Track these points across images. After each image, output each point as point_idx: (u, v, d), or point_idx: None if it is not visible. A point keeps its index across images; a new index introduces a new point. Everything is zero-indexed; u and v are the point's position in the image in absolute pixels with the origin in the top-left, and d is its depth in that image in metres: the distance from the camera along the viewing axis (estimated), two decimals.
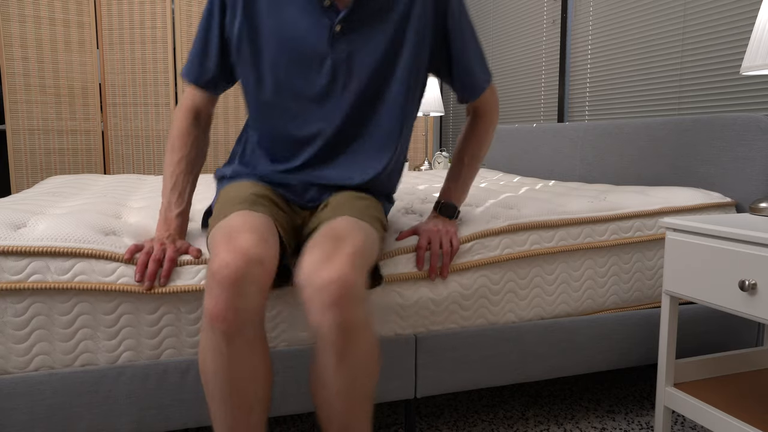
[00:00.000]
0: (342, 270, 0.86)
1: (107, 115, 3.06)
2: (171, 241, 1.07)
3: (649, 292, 1.43)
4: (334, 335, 0.85)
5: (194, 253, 1.07)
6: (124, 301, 1.04)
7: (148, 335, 1.06)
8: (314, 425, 1.44)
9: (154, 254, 1.03)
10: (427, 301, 1.23)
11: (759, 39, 1.21)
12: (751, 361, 1.32)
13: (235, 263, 0.84)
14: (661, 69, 2.06)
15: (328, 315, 0.85)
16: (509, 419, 1.48)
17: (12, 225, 1.07)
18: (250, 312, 0.86)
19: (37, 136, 2.94)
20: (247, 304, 0.85)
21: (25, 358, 1.00)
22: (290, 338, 1.15)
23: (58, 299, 1.01)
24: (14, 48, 2.85)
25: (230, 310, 0.84)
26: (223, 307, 0.84)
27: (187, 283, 1.06)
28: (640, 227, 1.40)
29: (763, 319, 0.97)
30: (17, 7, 2.83)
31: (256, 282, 0.86)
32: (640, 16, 2.16)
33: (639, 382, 1.72)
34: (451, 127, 3.97)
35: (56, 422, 1.02)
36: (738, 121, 1.52)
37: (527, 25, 2.98)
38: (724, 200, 1.51)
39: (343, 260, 0.87)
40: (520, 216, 1.32)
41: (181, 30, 3.02)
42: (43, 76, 2.92)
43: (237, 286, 0.84)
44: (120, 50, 3.01)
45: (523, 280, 1.30)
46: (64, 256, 1.01)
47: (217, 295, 0.84)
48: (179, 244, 1.07)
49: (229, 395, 0.88)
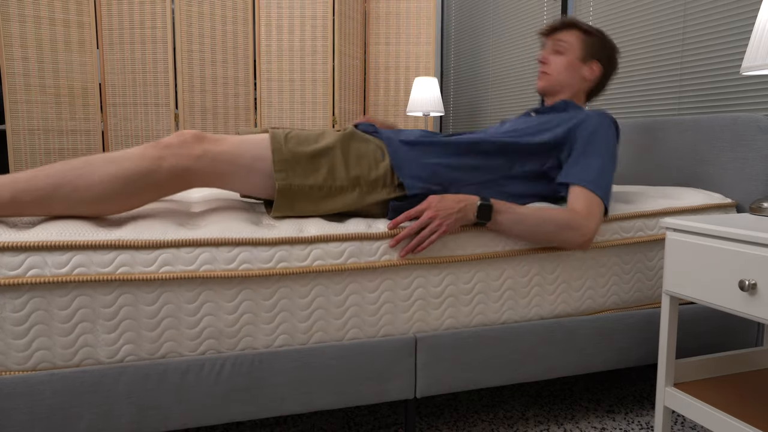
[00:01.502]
0: None
1: (107, 116, 3.06)
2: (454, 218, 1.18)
3: (649, 292, 1.43)
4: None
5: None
6: (123, 293, 1.04)
7: (148, 327, 1.06)
8: (314, 425, 1.44)
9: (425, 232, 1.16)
10: (424, 296, 1.23)
11: (759, 39, 1.21)
12: (751, 361, 1.31)
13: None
14: (661, 69, 2.06)
15: None
16: (509, 419, 1.47)
17: (8, 222, 1.07)
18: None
19: (37, 136, 2.94)
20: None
21: (24, 354, 1.00)
22: (290, 338, 1.15)
23: (57, 293, 1.00)
24: (14, 48, 2.85)
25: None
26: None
27: (186, 269, 1.06)
28: (641, 227, 1.40)
29: (763, 319, 0.97)
30: (17, 7, 2.83)
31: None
32: (640, 16, 2.16)
33: (639, 382, 1.72)
34: (451, 127, 3.97)
35: (56, 422, 1.02)
36: (738, 121, 1.52)
37: (527, 25, 2.98)
38: (725, 201, 1.51)
39: None
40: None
41: (181, 30, 3.02)
42: (43, 76, 2.92)
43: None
44: (120, 50, 3.01)
45: (523, 278, 1.30)
46: (61, 250, 1.01)
47: None
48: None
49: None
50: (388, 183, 1.24)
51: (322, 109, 3.26)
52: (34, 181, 1.04)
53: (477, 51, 3.55)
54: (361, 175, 1.22)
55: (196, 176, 1.14)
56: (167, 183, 1.12)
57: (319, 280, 1.15)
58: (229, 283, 1.10)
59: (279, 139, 1.19)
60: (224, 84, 3.18)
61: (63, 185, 1.05)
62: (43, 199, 1.04)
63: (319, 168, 1.19)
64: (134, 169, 1.08)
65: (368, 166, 1.24)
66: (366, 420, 1.47)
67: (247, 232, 1.12)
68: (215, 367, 1.09)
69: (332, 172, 1.20)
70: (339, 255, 1.16)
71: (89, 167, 1.06)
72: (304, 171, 1.18)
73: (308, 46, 3.23)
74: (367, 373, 1.19)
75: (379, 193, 1.23)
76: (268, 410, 1.14)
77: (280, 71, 3.24)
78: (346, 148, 1.24)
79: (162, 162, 1.10)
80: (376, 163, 1.25)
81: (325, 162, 1.20)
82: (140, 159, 1.09)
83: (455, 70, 3.87)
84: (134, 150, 1.10)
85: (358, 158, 1.24)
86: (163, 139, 1.13)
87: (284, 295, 1.13)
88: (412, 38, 3.47)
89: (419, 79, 3.11)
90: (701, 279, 1.09)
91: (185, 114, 3.07)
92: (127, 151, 1.10)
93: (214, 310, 1.09)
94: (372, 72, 3.53)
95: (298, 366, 1.14)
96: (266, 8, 3.19)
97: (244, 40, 3.21)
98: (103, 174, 1.06)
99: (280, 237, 1.13)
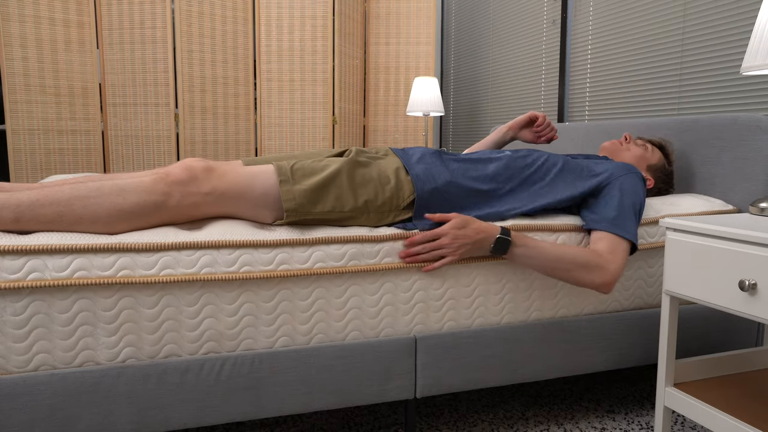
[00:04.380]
0: None
1: (107, 116, 3.06)
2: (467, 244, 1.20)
3: (649, 299, 1.43)
4: None
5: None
6: (124, 297, 1.04)
7: (149, 330, 1.06)
8: (314, 425, 1.44)
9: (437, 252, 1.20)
10: (425, 298, 1.23)
11: (759, 39, 1.21)
12: (751, 361, 1.32)
13: None
14: (661, 69, 2.06)
15: None
16: (509, 419, 1.48)
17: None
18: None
19: (37, 136, 2.94)
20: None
21: (25, 357, 1.00)
22: (290, 340, 1.15)
23: (58, 296, 1.01)
24: (14, 48, 2.85)
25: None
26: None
27: (187, 271, 1.06)
28: (642, 235, 1.39)
29: (763, 319, 0.97)
30: (17, 7, 2.83)
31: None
32: (640, 16, 2.16)
33: (639, 382, 1.72)
34: (451, 127, 3.97)
35: (56, 422, 1.02)
36: (738, 121, 1.52)
37: (527, 25, 2.98)
38: (726, 207, 1.51)
39: None
40: (521, 218, 1.32)
41: (181, 30, 3.02)
42: (43, 76, 2.92)
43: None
44: (120, 50, 3.01)
45: (523, 282, 1.30)
46: (62, 253, 1.01)
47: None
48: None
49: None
50: (394, 207, 1.24)
51: (322, 109, 3.26)
52: (39, 209, 1.03)
53: (477, 51, 3.55)
54: (368, 200, 1.22)
55: (203, 210, 1.16)
56: (173, 216, 1.14)
57: (320, 282, 1.15)
58: (230, 286, 1.10)
59: (286, 173, 1.19)
60: (224, 84, 3.18)
61: (67, 215, 1.05)
62: (47, 224, 1.05)
63: (326, 196, 1.19)
64: (141, 204, 1.09)
65: (374, 190, 1.23)
66: (366, 420, 1.47)
67: (248, 235, 1.12)
68: (215, 368, 1.09)
69: (339, 199, 1.20)
70: (340, 257, 1.16)
71: (96, 199, 1.06)
72: (312, 202, 1.18)
73: (308, 46, 3.23)
74: (368, 373, 1.19)
75: (387, 216, 1.24)
76: (268, 410, 1.14)
77: (280, 71, 3.24)
78: (352, 175, 1.23)
79: (169, 199, 1.11)
80: (383, 186, 1.24)
81: (333, 190, 1.20)
82: (148, 194, 1.09)
83: (455, 70, 3.87)
84: (143, 180, 1.10)
85: (364, 183, 1.23)
86: (171, 170, 1.13)
87: (285, 297, 1.13)
88: (412, 38, 3.47)
89: (419, 79, 3.11)
90: (701, 279, 1.09)
91: (185, 114, 3.07)
92: (135, 181, 1.10)
93: (215, 313, 1.09)
94: (372, 72, 3.53)
95: (298, 366, 1.14)
96: (266, 8, 3.19)
97: (244, 40, 3.21)
98: (111, 207, 1.07)
99: (281, 239, 1.13)
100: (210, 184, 1.14)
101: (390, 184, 1.25)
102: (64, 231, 1.06)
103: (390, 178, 1.26)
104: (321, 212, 1.18)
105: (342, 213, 1.20)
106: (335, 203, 1.19)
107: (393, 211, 1.24)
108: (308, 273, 1.13)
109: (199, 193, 1.13)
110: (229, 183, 1.16)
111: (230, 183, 1.16)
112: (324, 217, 1.19)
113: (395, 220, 1.24)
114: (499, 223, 1.28)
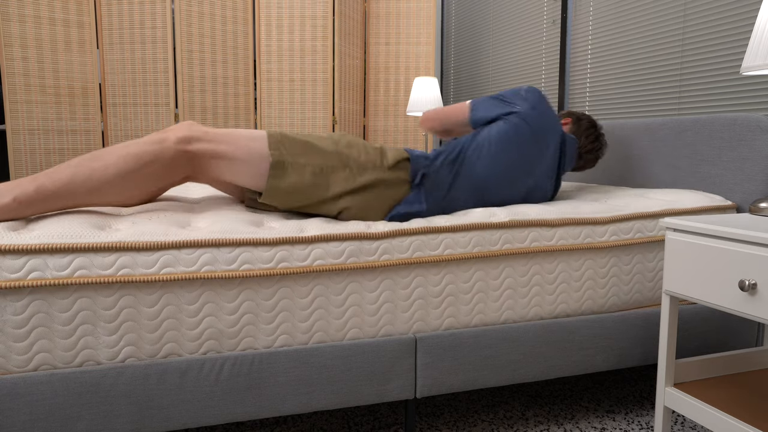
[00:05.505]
0: None
1: (107, 115, 3.06)
2: None
3: (649, 294, 1.43)
4: None
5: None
6: (124, 295, 1.04)
7: (149, 329, 1.06)
8: (314, 425, 1.44)
9: None
10: (424, 295, 1.23)
11: (759, 39, 1.21)
12: (751, 361, 1.32)
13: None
14: (661, 69, 2.06)
15: None
16: (509, 419, 1.48)
17: (9, 225, 1.07)
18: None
19: (37, 136, 2.94)
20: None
21: (25, 357, 1.00)
22: (290, 338, 1.15)
23: (58, 296, 1.01)
24: (14, 48, 2.85)
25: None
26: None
27: (187, 270, 1.06)
28: (641, 229, 1.40)
29: (763, 319, 0.97)
30: (17, 7, 2.83)
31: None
32: (640, 16, 2.16)
33: (639, 382, 1.72)
34: None
35: (56, 422, 1.02)
36: (738, 121, 1.52)
37: (527, 25, 2.98)
38: (725, 203, 1.51)
39: None
40: (519, 213, 1.32)
41: (181, 30, 3.02)
42: (43, 76, 2.92)
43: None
44: (120, 50, 3.01)
45: (522, 277, 1.30)
46: (62, 252, 1.01)
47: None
48: None
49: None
50: (378, 165, 1.32)
51: (322, 109, 3.26)
52: (54, 174, 1.13)
53: (477, 51, 3.55)
54: (350, 155, 1.30)
55: (198, 154, 1.22)
56: (174, 161, 1.20)
57: (319, 279, 1.15)
58: (230, 284, 1.10)
59: (272, 130, 1.31)
60: (224, 84, 3.18)
61: (79, 173, 1.14)
62: (64, 185, 1.12)
63: (311, 151, 1.28)
64: (144, 148, 1.19)
65: (358, 151, 1.32)
66: (366, 420, 1.47)
67: (248, 233, 1.12)
68: (215, 367, 1.09)
69: (323, 155, 1.29)
70: (339, 255, 1.16)
71: (104, 153, 1.18)
72: (297, 152, 1.27)
73: (308, 46, 3.23)
74: (367, 373, 1.19)
75: (370, 173, 1.30)
76: (268, 410, 1.14)
77: (280, 71, 3.24)
78: (337, 138, 1.34)
79: (168, 134, 1.21)
80: (366, 150, 1.33)
81: (318, 150, 1.29)
82: (149, 140, 1.22)
83: (455, 70, 3.87)
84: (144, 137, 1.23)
85: (349, 146, 1.33)
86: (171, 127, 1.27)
87: (285, 295, 1.14)
88: (412, 38, 3.47)
89: (419, 79, 3.11)
90: (701, 279, 1.09)
91: (185, 114, 3.07)
92: (138, 140, 1.24)
93: (215, 311, 1.09)
94: (372, 72, 3.53)
95: (297, 366, 1.14)
96: (266, 8, 3.19)
97: (244, 40, 3.21)
98: (117, 155, 1.18)
99: (281, 237, 1.13)
100: (203, 128, 1.25)
101: (375, 150, 1.35)
102: (83, 200, 1.13)
103: (376, 148, 1.36)
104: (305, 164, 1.26)
105: (324, 165, 1.27)
106: (318, 158, 1.28)
107: (377, 169, 1.31)
108: (308, 270, 1.13)
109: (192, 129, 1.23)
110: (222, 131, 1.27)
111: (223, 131, 1.27)
112: (307, 162, 1.26)
113: (380, 176, 1.30)
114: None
